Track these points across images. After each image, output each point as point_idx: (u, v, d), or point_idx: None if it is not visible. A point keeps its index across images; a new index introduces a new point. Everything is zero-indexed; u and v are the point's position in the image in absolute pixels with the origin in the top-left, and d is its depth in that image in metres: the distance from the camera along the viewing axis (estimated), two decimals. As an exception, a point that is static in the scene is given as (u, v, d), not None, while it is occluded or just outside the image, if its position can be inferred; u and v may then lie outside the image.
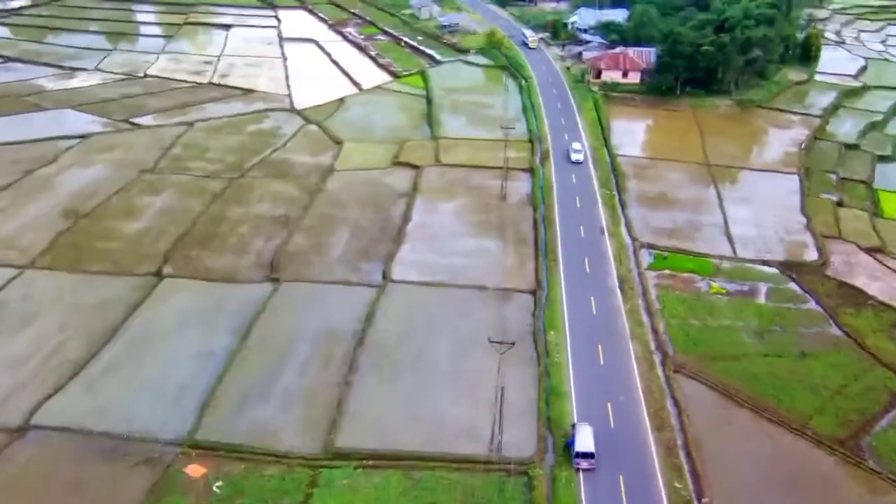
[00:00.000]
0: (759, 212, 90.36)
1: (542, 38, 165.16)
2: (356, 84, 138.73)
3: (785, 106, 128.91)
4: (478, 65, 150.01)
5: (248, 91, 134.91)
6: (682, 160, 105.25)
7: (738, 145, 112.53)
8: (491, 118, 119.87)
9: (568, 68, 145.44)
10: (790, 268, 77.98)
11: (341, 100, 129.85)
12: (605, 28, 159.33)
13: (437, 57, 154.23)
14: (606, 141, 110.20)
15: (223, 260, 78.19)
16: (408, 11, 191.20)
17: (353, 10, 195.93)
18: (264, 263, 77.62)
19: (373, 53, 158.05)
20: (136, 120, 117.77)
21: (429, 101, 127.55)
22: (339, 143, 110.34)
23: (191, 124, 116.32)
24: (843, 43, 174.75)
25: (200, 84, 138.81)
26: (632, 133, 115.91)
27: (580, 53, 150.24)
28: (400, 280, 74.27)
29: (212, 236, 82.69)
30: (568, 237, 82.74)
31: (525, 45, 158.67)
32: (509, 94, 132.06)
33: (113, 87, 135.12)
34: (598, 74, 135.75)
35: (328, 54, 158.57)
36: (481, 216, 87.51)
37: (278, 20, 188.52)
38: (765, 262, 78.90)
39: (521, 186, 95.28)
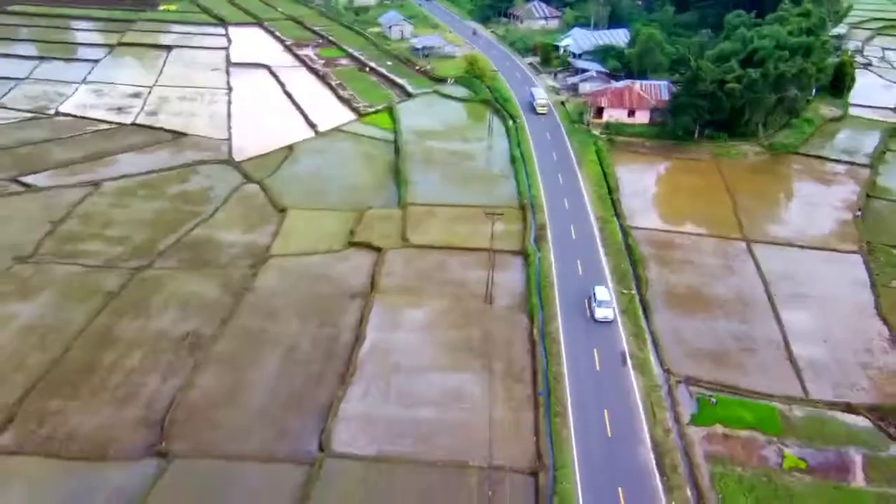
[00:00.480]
0: (825, 317, 69.23)
1: (531, 64, 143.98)
2: (311, 124, 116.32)
3: (823, 151, 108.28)
4: (456, 98, 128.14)
5: (180, 135, 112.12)
6: (712, 233, 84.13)
7: (778, 209, 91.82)
8: (472, 174, 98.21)
9: (563, 103, 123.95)
10: (884, 416, 56.87)
11: (291, 147, 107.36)
12: (604, 53, 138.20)
13: (409, 88, 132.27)
14: (616, 208, 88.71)
15: (96, 417, 55.61)
16: (376, 30, 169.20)
17: (314, 28, 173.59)
18: (154, 421, 55.16)
19: (334, 83, 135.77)
20: (28, 179, 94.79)
21: (397, 150, 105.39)
22: (282, 210, 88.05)
23: (97, 185, 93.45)
24: (870, 65, 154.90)
25: (122, 125, 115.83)
26: (645, 194, 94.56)
27: (576, 85, 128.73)
28: (343, 453, 52.14)
29: (87, 373, 60.05)
30: (578, 369, 61.02)
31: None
32: (494, 138, 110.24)
33: (12, 130, 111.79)
34: (600, 113, 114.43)
35: (281, 84, 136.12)
36: (459, 332, 65.49)
37: (228, 40, 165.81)
38: (849, 408, 57.62)
39: (510, 280, 73.49)
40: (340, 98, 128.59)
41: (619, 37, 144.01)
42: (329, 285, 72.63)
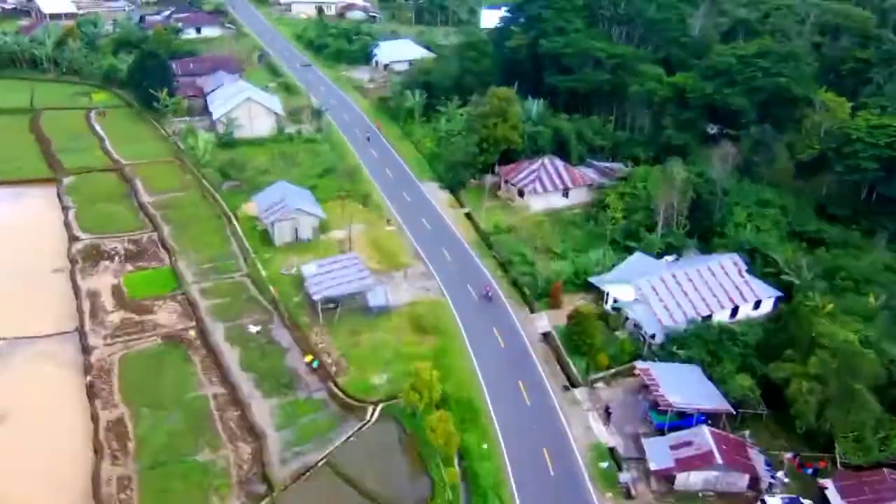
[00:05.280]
0: None
1: (546, 337, 71.71)
2: None
3: None
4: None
5: None
6: None
7: None
8: None
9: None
10: None
11: None
12: (717, 344, 65.72)
13: (273, 443, 59.50)
14: None
15: None
16: (252, 215, 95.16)
17: (146, 205, 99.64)
18: None
19: (108, 412, 62.38)
20: None
21: None
22: None
23: None
24: None
25: None
26: None
27: (671, 475, 55.85)
28: None
29: None
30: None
31: None
32: None
33: None
34: None
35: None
36: None
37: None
38: None
39: None
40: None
41: (742, 300, 71.96)
42: None
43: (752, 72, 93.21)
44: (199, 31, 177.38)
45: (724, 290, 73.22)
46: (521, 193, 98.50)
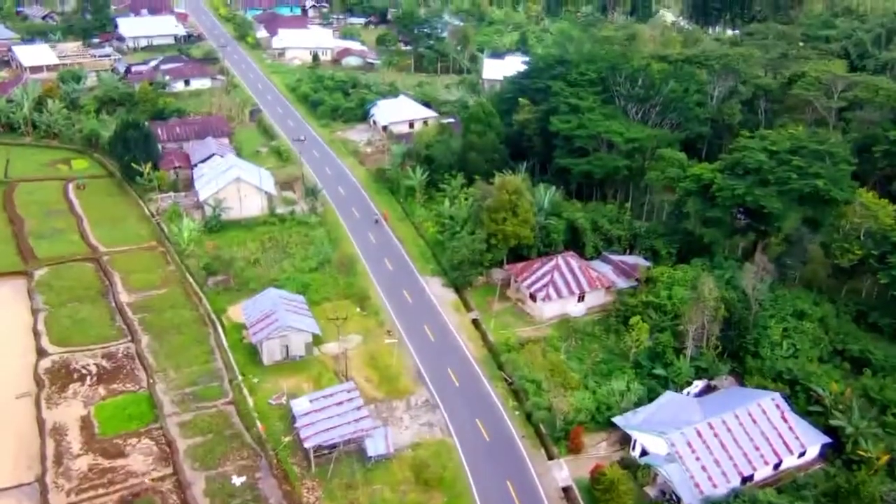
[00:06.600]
0: None
1: None
2: None
3: None
4: None
5: None
6: None
7: None
8: None
9: None
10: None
11: None
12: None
13: None
14: None
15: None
16: (238, 322, 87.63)
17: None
18: None
19: None
20: None
21: None
22: None
23: None
24: None
25: None
26: None
27: None
28: None
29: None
30: None
31: None
32: None
33: None
34: None
35: None
36: None
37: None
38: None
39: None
40: None
41: (787, 452, 64.99)
42: None
43: (786, 171, 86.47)
44: (187, 83, 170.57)
45: (767, 440, 66.14)
46: (532, 297, 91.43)
